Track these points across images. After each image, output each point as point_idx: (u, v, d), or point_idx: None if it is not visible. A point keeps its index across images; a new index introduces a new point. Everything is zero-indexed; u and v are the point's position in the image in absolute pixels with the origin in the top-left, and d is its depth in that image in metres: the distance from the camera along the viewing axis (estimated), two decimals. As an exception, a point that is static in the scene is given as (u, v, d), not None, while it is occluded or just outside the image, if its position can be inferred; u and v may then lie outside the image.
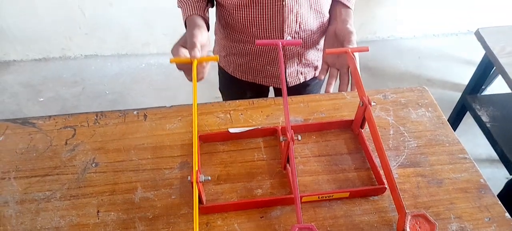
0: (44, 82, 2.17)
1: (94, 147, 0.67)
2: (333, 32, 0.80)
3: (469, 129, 1.58)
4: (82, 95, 2.10)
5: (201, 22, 0.73)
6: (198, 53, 0.63)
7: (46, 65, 2.28)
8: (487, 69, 1.23)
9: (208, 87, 2.11)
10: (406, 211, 0.50)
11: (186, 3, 0.76)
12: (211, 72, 2.39)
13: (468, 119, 1.52)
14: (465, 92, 1.33)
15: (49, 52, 2.29)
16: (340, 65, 0.77)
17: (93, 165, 0.64)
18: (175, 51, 0.68)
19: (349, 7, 0.81)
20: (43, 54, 2.30)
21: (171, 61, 0.63)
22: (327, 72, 0.80)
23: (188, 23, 0.73)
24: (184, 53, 0.67)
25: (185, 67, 0.67)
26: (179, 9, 0.79)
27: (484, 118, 1.18)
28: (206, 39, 0.68)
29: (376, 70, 2.20)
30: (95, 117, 0.72)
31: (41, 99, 2.09)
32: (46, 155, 0.66)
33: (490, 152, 1.52)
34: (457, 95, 1.74)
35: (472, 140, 1.70)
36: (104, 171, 0.63)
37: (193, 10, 0.75)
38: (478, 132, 1.40)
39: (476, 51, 2.14)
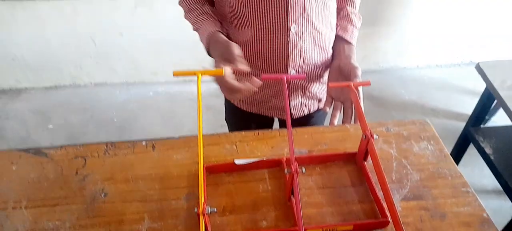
0: (54, 109, 2.22)
1: (104, 177, 0.69)
2: (337, 66, 0.84)
3: (475, 159, 1.58)
4: (90, 122, 2.14)
5: (225, 38, 0.74)
6: (245, 66, 0.65)
7: (57, 92, 2.35)
8: (488, 101, 1.24)
9: (214, 115, 2.15)
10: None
11: (205, 22, 0.78)
12: (217, 100, 2.41)
13: (474, 148, 1.52)
14: (468, 124, 1.34)
15: (60, 80, 2.36)
16: (344, 98, 0.79)
17: (102, 195, 0.66)
18: (220, 70, 0.65)
19: (351, 44, 0.85)
20: (54, 82, 2.36)
21: (174, 75, 0.63)
22: (331, 104, 0.83)
23: (214, 39, 0.74)
24: (228, 68, 0.66)
25: (220, 81, 0.67)
26: (195, 32, 0.82)
27: (488, 150, 1.19)
28: (240, 50, 0.69)
29: (380, 99, 2.22)
30: (105, 147, 0.75)
31: (50, 126, 2.13)
32: (57, 185, 0.68)
33: (497, 183, 1.51)
34: (462, 125, 1.75)
35: (479, 171, 1.69)
36: (113, 201, 0.65)
37: (215, 26, 0.77)
38: (481, 162, 1.39)
39: (480, 82, 2.16)
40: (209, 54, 0.79)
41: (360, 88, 0.75)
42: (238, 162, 0.68)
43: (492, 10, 2.25)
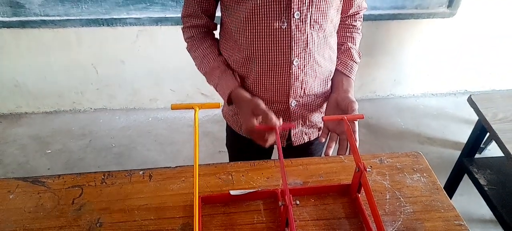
0: (53, 134, 2.23)
1: (100, 206, 0.69)
2: (335, 100, 0.86)
3: (472, 188, 1.58)
4: (89, 147, 2.14)
5: (247, 94, 0.81)
6: (276, 120, 0.71)
7: (57, 118, 2.36)
8: (482, 133, 1.26)
9: (212, 141, 2.16)
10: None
11: (224, 78, 0.83)
12: (215, 126, 2.42)
13: (465, 178, 1.52)
14: (462, 154, 1.35)
15: (60, 106, 2.38)
16: (340, 131, 0.81)
17: (98, 225, 0.66)
18: (252, 125, 0.74)
19: (350, 78, 0.88)
20: (54, 108, 2.39)
21: (172, 108, 0.66)
22: (327, 135, 0.84)
23: (239, 97, 0.81)
24: (257, 123, 0.75)
25: (256, 135, 0.74)
26: (211, 85, 0.87)
27: (482, 181, 1.19)
28: (261, 101, 0.76)
29: (376, 127, 2.24)
30: (103, 177, 0.75)
31: (49, 151, 2.13)
32: (53, 214, 0.68)
33: (489, 211, 1.50)
34: (458, 153, 1.76)
35: (476, 200, 1.68)
36: (108, 231, 0.65)
37: (234, 81, 0.83)
38: (476, 191, 1.39)
39: (472, 111, 2.20)
40: (229, 104, 0.86)
41: (356, 121, 0.77)
42: (233, 193, 0.69)
43: (487, 42, 2.31)
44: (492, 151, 2.04)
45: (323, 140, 0.85)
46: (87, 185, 0.74)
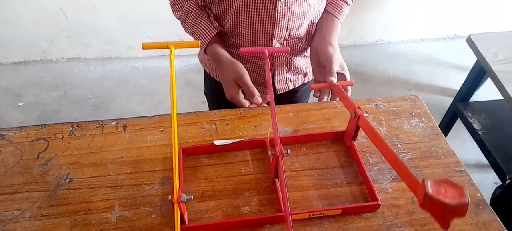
0: (24, 86, 2.09)
1: (69, 161, 0.62)
2: (315, 50, 0.78)
3: (457, 134, 1.58)
4: (64, 99, 2.03)
5: (225, 52, 0.76)
6: (258, 97, 0.70)
7: (27, 68, 2.20)
8: (479, 76, 1.22)
9: (195, 91, 2.07)
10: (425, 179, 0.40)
11: (199, 25, 0.76)
12: (197, 75, 2.32)
13: (456, 124, 1.52)
14: (456, 99, 1.32)
15: (29, 55, 2.21)
16: (327, 75, 0.74)
17: (67, 181, 0.59)
18: (236, 98, 0.72)
19: (338, 19, 0.79)
20: (23, 57, 2.21)
21: (144, 47, 0.57)
22: (319, 89, 0.78)
23: (218, 56, 0.76)
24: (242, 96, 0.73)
25: (239, 103, 0.72)
26: (188, 34, 0.80)
27: (476, 126, 1.17)
28: (245, 70, 0.72)
29: (364, 75, 2.19)
30: (71, 128, 0.67)
31: (21, 103, 2.00)
32: (16, 170, 0.61)
33: (479, 157, 1.52)
34: (446, 100, 1.74)
35: (461, 146, 1.70)
36: (79, 188, 0.58)
37: (211, 28, 0.76)
38: (466, 137, 1.39)
39: (464, 56, 2.16)
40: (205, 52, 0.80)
41: (347, 72, 0.71)
42: (217, 143, 0.63)
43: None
44: (479, 96, 2.05)
45: (317, 95, 0.78)
46: (54, 138, 0.66)
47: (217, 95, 1.00)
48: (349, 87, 0.72)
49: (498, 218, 0.54)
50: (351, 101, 0.59)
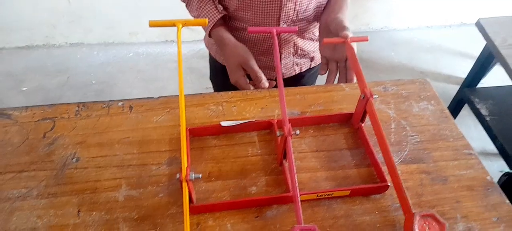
0: (27, 71, 2.08)
1: (75, 140, 0.62)
2: (325, 23, 0.76)
3: (462, 121, 1.57)
4: (67, 85, 2.02)
5: (229, 35, 0.75)
6: (265, 81, 0.69)
7: (29, 53, 2.19)
8: (486, 61, 1.20)
9: (198, 78, 2.05)
10: (413, 211, 0.47)
11: (203, 8, 0.75)
12: (200, 62, 2.31)
13: (461, 111, 1.51)
14: (464, 85, 1.31)
15: (32, 40, 2.20)
16: (339, 58, 0.73)
17: (74, 160, 0.59)
18: (241, 82, 0.72)
19: None
20: (26, 42, 2.20)
21: (150, 25, 0.57)
22: (327, 67, 0.77)
23: (222, 39, 0.75)
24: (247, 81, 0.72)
25: (243, 85, 0.72)
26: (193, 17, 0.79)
27: (483, 111, 1.16)
28: (250, 54, 0.72)
29: (369, 62, 2.17)
30: (77, 108, 0.67)
31: (24, 88, 2.00)
32: (22, 150, 0.61)
33: (484, 145, 1.51)
34: (451, 88, 1.72)
35: (466, 134, 1.68)
36: (86, 167, 0.58)
37: (215, 12, 0.74)
38: (471, 124, 1.38)
39: (470, 44, 2.13)
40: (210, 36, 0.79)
41: (355, 46, 0.68)
42: (224, 124, 0.62)
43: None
44: (485, 85, 2.03)
45: (324, 73, 0.77)
46: (60, 118, 0.66)
47: (223, 80, 0.99)
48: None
49: (507, 201, 0.53)
50: (363, 77, 0.58)
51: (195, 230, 0.51)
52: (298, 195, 0.47)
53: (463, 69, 1.51)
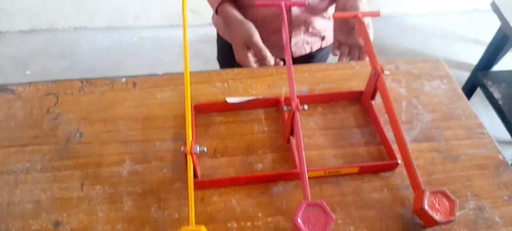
0: (31, 55, 2.08)
1: (79, 116, 0.61)
2: (342, 6, 0.73)
3: (473, 108, 1.54)
4: (71, 69, 2.02)
5: (236, 12, 0.73)
6: (270, 58, 0.68)
7: (34, 37, 2.18)
8: (500, 45, 1.16)
9: (204, 62, 2.04)
10: (423, 188, 0.45)
11: None
12: (206, 46, 2.28)
13: (473, 98, 1.48)
14: (477, 69, 1.27)
15: (36, 24, 2.19)
16: (352, 44, 0.71)
17: (78, 135, 0.58)
18: (246, 60, 0.70)
19: None
20: (30, 26, 2.19)
21: None
22: (338, 49, 0.74)
23: (228, 16, 0.73)
24: (252, 58, 0.70)
25: (248, 63, 0.70)
26: None
27: (496, 95, 1.13)
28: (255, 30, 0.70)
29: (379, 47, 2.14)
30: (80, 84, 0.66)
31: (28, 72, 2.00)
32: (26, 124, 0.60)
33: (495, 133, 1.48)
34: (462, 74, 1.69)
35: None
36: (89, 142, 0.57)
37: None
38: (483, 112, 1.35)
39: (482, 31, 2.08)
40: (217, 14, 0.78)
41: (371, 32, 0.66)
42: (230, 100, 0.61)
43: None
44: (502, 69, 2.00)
45: (336, 53, 0.75)
46: (63, 93, 0.65)
47: (230, 59, 0.97)
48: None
49: (521, 180, 0.52)
50: (374, 54, 0.56)
51: (200, 205, 0.50)
52: (305, 171, 0.46)
53: (475, 56, 1.47)
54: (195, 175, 0.50)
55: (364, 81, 0.60)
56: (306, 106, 0.51)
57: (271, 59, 0.68)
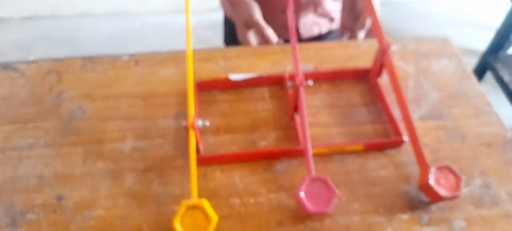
0: (34, 41, 2.08)
1: (81, 93, 0.60)
2: None
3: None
4: (74, 55, 2.00)
5: None
6: (273, 36, 0.66)
7: (36, 23, 2.18)
8: (511, 27, 1.14)
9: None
10: (428, 164, 0.45)
11: None
12: (209, 32, 2.26)
13: (483, 85, 1.45)
14: (487, 52, 1.25)
15: (39, 10, 2.18)
16: (357, 27, 0.70)
17: (80, 113, 0.58)
18: (247, 40, 0.69)
19: None
20: (32, 12, 2.19)
21: None
22: (343, 34, 0.73)
23: None
24: (254, 38, 0.69)
25: (248, 43, 0.69)
26: None
27: (506, 78, 1.11)
28: (257, 9, 0.68)
29: (388, 33, 2.07)
30: (82, 62, 0.65)
31: (31, 58, 2.00)
32: (29, 102, 0.60)
33: (505, 119, 1.47)
34: (472, 61, 1.66)
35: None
36: (92, 119, 0.57)
37: None
38: (492, 100, 1.33)
39: (493, 17, 2.04)
40: None
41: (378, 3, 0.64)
42: (233, 77, 0.60)
43: None
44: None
45: (343, 38, 0.74)
46: (65, 71, 0.64)
47: (236, 41, 0.96)
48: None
49: (530, 158, 0.51)
50: (381, 30, 0.55)
51: (202, 181, 0.50)
52: (309, 146, 0.45)
53: (484, 43, 1.44)
54: (197, 150, 0.49)
55: (371, 61, 0.59)
56: (310, 82, 0.50)
57: (274, 38, 0.67)
